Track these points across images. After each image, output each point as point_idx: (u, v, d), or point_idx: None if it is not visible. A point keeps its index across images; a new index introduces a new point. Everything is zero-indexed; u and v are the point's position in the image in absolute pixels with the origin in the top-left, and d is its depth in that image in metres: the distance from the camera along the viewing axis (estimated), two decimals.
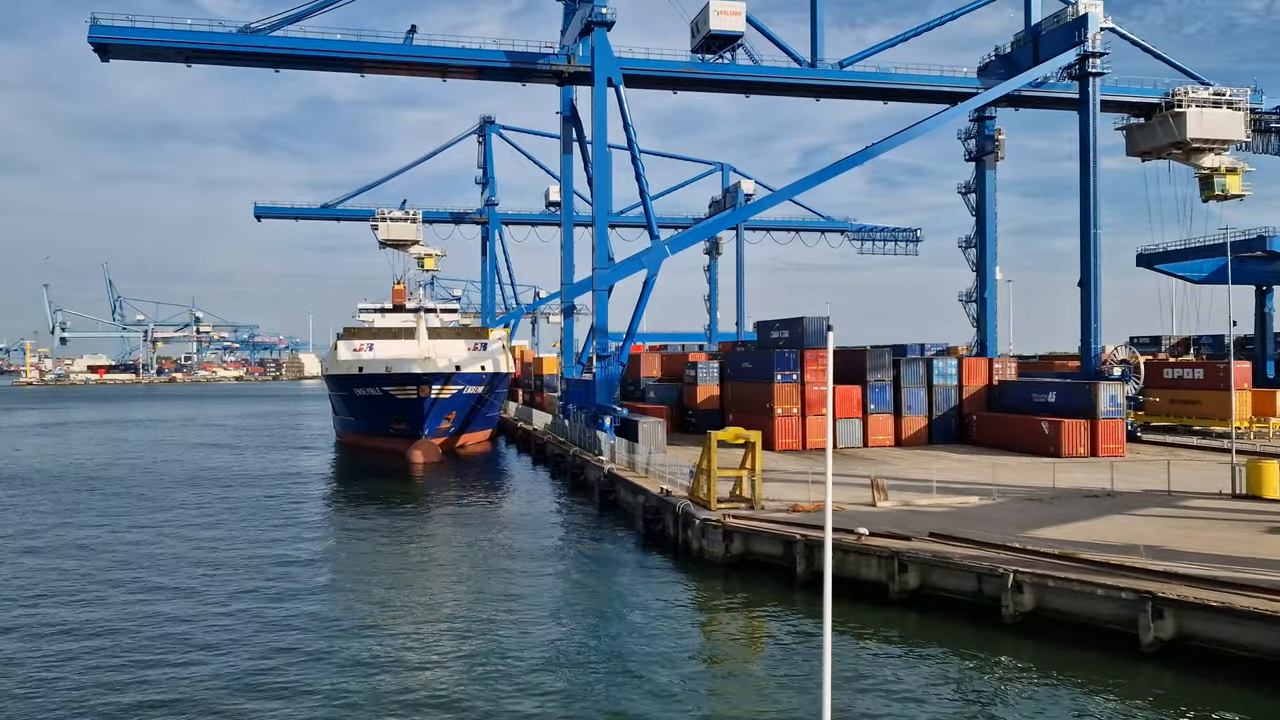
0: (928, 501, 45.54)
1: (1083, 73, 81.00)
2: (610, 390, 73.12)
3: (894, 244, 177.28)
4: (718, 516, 42.36)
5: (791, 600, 37.37)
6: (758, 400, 74.26)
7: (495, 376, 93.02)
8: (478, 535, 52.40)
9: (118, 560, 46.14)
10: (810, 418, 72.58)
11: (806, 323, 73.55)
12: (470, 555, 47.25)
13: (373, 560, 46.56)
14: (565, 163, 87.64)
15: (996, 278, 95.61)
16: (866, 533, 37.02)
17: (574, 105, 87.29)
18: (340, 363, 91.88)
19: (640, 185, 74.68)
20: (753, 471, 44.74)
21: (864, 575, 36.11)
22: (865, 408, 73.57)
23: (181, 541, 50.63)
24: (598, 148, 73.24)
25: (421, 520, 57.64)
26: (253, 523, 56.34)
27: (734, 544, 41.18)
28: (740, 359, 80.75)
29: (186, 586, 40.76)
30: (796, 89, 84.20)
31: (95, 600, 38.78)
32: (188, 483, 74.41)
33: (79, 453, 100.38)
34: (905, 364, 75.15)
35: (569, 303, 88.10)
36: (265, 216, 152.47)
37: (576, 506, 61.53)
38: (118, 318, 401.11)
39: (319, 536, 53.32)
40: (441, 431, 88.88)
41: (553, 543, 50.43)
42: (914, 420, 74.58)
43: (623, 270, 73.90)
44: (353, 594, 39.63)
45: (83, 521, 56.97)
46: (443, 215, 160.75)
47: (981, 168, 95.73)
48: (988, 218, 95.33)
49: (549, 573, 43.39)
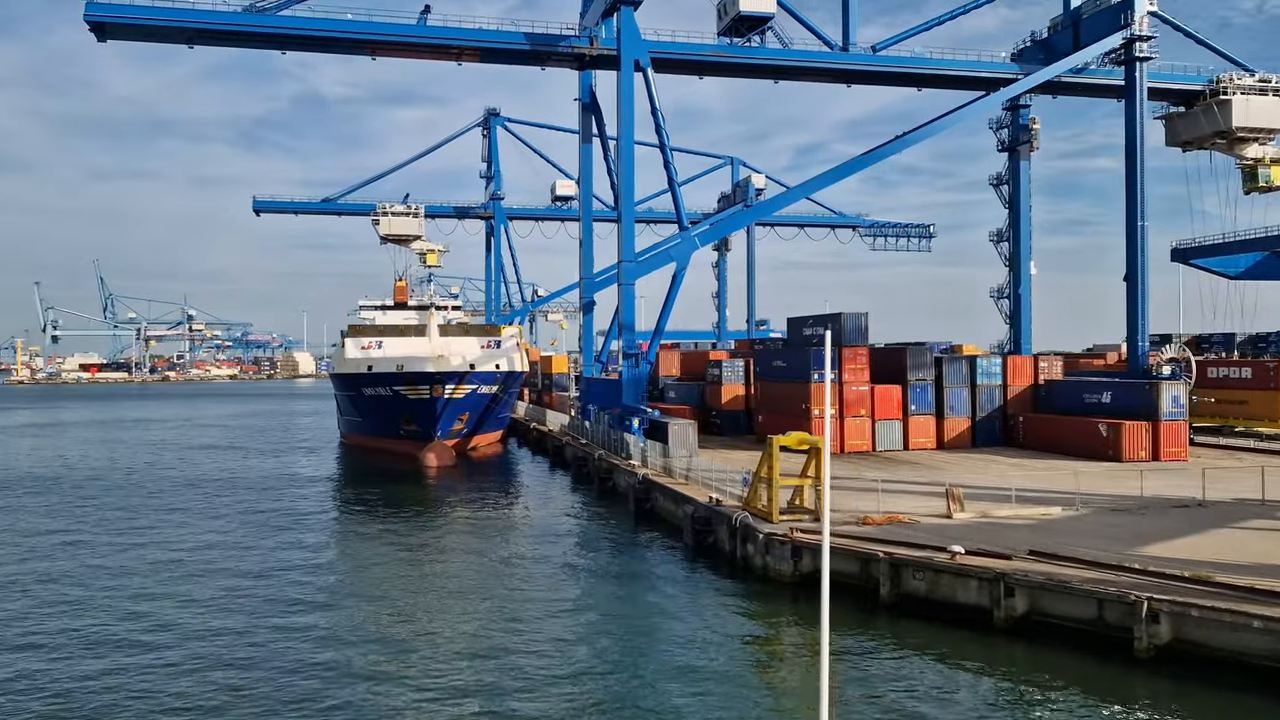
0: (1007, 512, 41.72)
1: (1128, 58, 77.32)
2: (638, 390, 69.19)
3: (906, 240, 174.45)
4: (783, 530, 38.47)
5: (874, 625, 33.47)
6: (792, 401, 70.42)
7: (509, 376, 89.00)
8: (503, 547, 48.41)
9: (116, 571, 42.09)
10: (849, 419, 68.79)
11: (844, 319, 69.69)
12: (497, 570, 43.21)
13: (388, 575, 42.42)
14: (584, 152, 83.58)
15: (1031, 273, 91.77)
16: (962, 551, 33.15)
17: (593, 91, 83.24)
18: (348, 361, 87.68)
19: (669, 174, 70.77)
20: (817, 480, 40.85)
21: (961, 599, 32.26)
22: (906, 409, 69.84)
23: (185, 551, 46.57)
24: (624, 135, 69.21)
25: (439, 530, 53.50)
26: (259, 532, 52.26)
27: (803, 561, 37.29)
28: (771, 357, 76.90)
29: (191, 599, 36.81)
30: (828, 74, 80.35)
31: (94, 614, 34.81)
32: (189, 488, 70.24)
33: (73, 455, 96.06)
34: (948, 363, 71.44)
35: (588, 298, 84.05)
36: (264, 211, 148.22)
37: (608, 515, 57.49)
38: (109, 315, 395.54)
39: (330, 548, 49.31)
40: (454, 433, 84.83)
41: (588, 557, 46.44)
42: (957, 422, 70.85)
43: (650, 264, 70.06)
44: (369, 614, 35.65)
45: (78, 532, 52.81)
46: (446, 210, 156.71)
47: (1016, 158, 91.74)
48: (1022, 210, 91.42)
49: (587, 592, 39.48)
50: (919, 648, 30.78)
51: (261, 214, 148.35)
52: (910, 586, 33.57)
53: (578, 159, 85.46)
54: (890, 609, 33.89)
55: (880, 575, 34.15)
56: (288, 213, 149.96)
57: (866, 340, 70.10)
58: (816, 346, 69.22)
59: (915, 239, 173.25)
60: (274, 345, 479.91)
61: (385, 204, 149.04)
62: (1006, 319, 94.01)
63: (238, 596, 38.40)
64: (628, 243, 69.09)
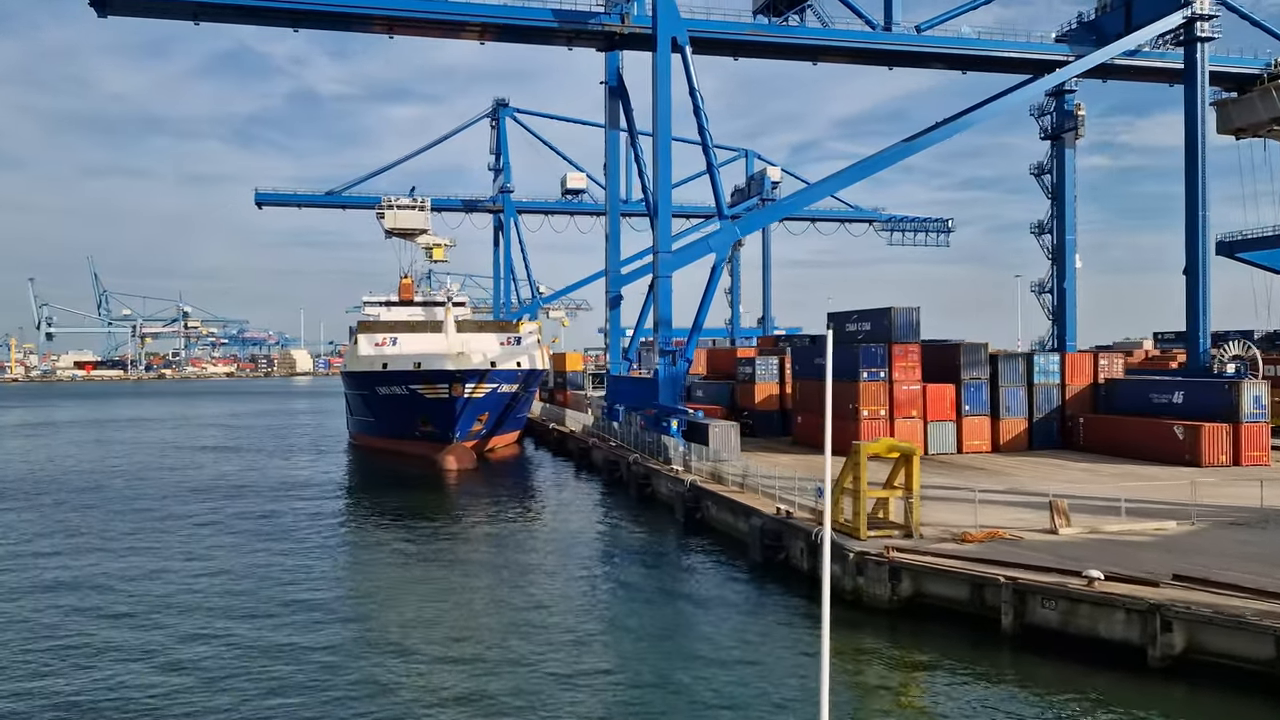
0: (1116, 527, 37.49)
1: (1188, 38, 73.26)
2: (675, 390, 64.87)
3: (924, 235, 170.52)
4: (878, 549, 34.20)
5: (995, 660, 29.20)
6: (837, 401, 66.03)
7: (530, 374, 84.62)
8: (538, 562, 43.99)
9: (116, 585, 37.73)
10: (899, 420, 64.54)
11: (894, 314, 65.31)
12: (534, 589, 38.77)
13: (410, 595, 37.94)
14: (611, 139, 79.14)
15: (1076, 266, 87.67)
16: (1100, 576, 28.88)
17: (620, 74, 78.86)
18: (361, 358, 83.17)
19: (709, 159, 66.41)
20: (909, 492, 36.59)
21: (1104, 633, 27.99)
22: (959, 409, 65.64)
23: (189, 563, 42.18)
24: (660, 119, 64.75)
25: (463, 543, 48.94)
26: (270, 545, 47.81)
27: (902, 584, 33.02)
28: (812, 354, 72.56)
29: (198, 616, 32.46)
30: (869, 55, 75.98)
31: (92, 633, 30.48)
32: (193, 494, 65.76)
33: (67, 459, 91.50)
34: (1003, 361, 67.19)
35: (615, 292, 79.65)
36: (267, 204, 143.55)
37: (651, 525, 53.10)
38: (104, 313, 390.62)
39: (347, 562, 44.96)
40: (473, 434, 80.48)
41: (636, 573, 42.07)
42: (1013, 423, 66.62)
43: (689, 254, 65.74)
44: (395, 644, 31.28)
45: (75, 543, 48.36)
46: (453, 203, 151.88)
47: (1060, 146, 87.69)
48: (1066, 201, 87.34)
49: (640, 616, 35.19)
50: (1056, 690, 26.56)
51: (264, 206, 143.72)
52: (1039, 617, 29.32)
53: (604, 145, 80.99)
54: (1015, 643, 29.60)
55: (1002, 603, 29.87)
56: (291, 205, 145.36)
57: (918, 336, 65.85)
58: (865, 343, 64.88)
59: (933, 234, 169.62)
60: (270, 343, 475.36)
61: (390, 197, 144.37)
62: (1050, 314, 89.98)
63: (250, 618, 34.04)
64: (664, 233, 64.75)
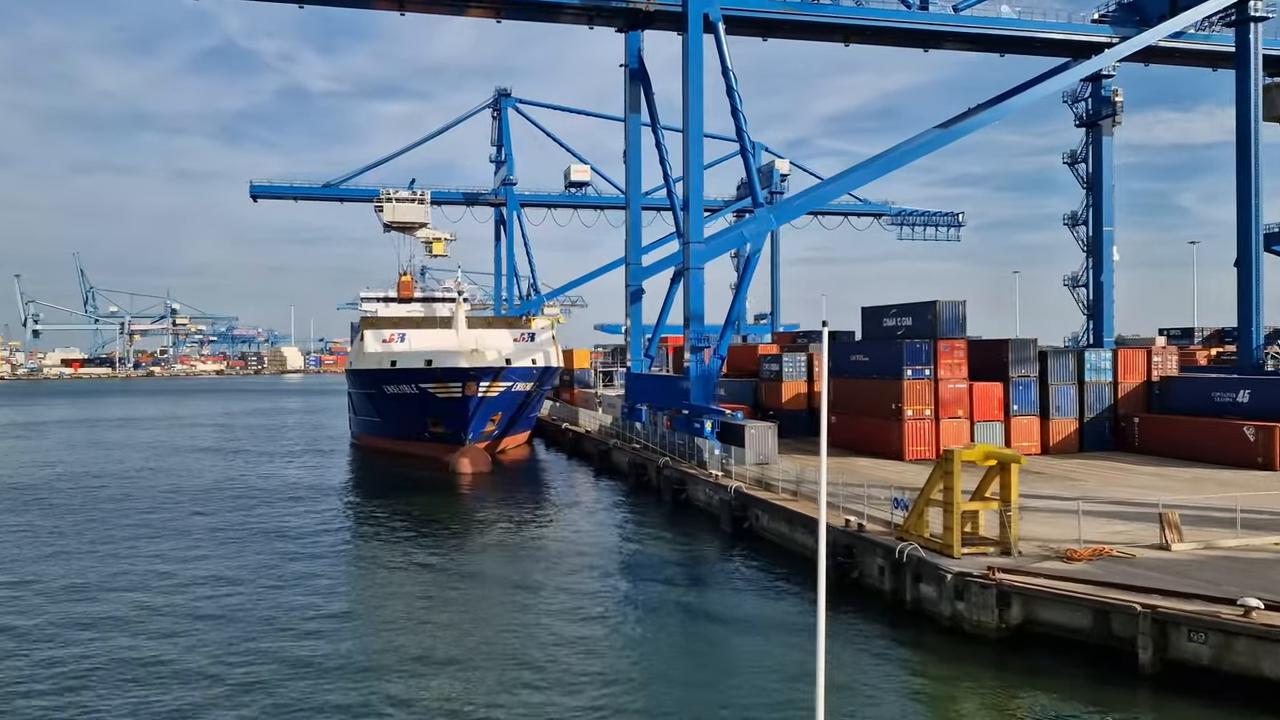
0: (1233, 542, 33.84)
1: (1240, 19, 69.82)
2: (708, 389, 61.02)
3: (934, 229, 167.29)
4: (980, 570, 30.43)
5: (1132, 702, 25.52)
6: (878, 400, 62.39)
7: (545, 372, 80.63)
8: (569, 581, 39.76)
9: (111, 603, 33.71)
10: (944, 420, 60.89)
11: (940, 308, 61.58)
12: (569, 611, 34.78)
13: (433, 622, 34.02)
14: (632, 124, 75.07)
15: (1114, 259, 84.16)
16: (1260, 605, 25.17)
17: (641, 56, 74.86)
18: (368, 355, 78.95)
19: (743, 143, 62.58)
20: (1007, 504, 32.83)
21: (1267, 672, 24.28)
22: (1008, 409, 62.04)
23: (192, 581, 38.16)
24: (692, 101, 60.74)
25: (485, 555, 44.87)
26: (276, 560, 43.77)
27: (1011, 610, 29.26)
28: (848, 351, 68.79)
29: (199, 643, 28.51)
30: (905, 35, 72.15)
31: (85, 658, 26.50)
32: (190, 501, 61.58)
33: (58, 462, 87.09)
34: (1053, 357, 63.60)
35: (636, 285, 75.66)
36: (262, 196, 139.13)
37: (690, 536, 49.14)
38: (90, 309, 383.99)
39: (358, 579, 40.93)
40: (485, 435, 76.49)
41: (683, 592, 37.97)
42: (1063, 423, 63.06)
43: (721, 245, 62.07)
44: (410, 673, 27.41)
45: (64, 559, 44.22)
46: (454, 196, 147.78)
47: (1097, 133, 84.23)
48: (1104, 190, 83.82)
49: (699, 644, 31.49)
50: None
51: (259, 199, 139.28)
52: (1186, 652, 25.59)
53: (624, 129, 76.86)
54: (1154, 680, 25.89)
55: (1139, 634, 26.12)
56: (287, 198, 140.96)
57: (964, 332, 62.19)
58: (909, 340, 61.12)
59: (944, 228, 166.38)
60: (259, 340, 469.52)
61: (390, 189, 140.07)
62: (1085, 309, 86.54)
63: (254, 654, 30.06)
64: (695, 222, 60.80)
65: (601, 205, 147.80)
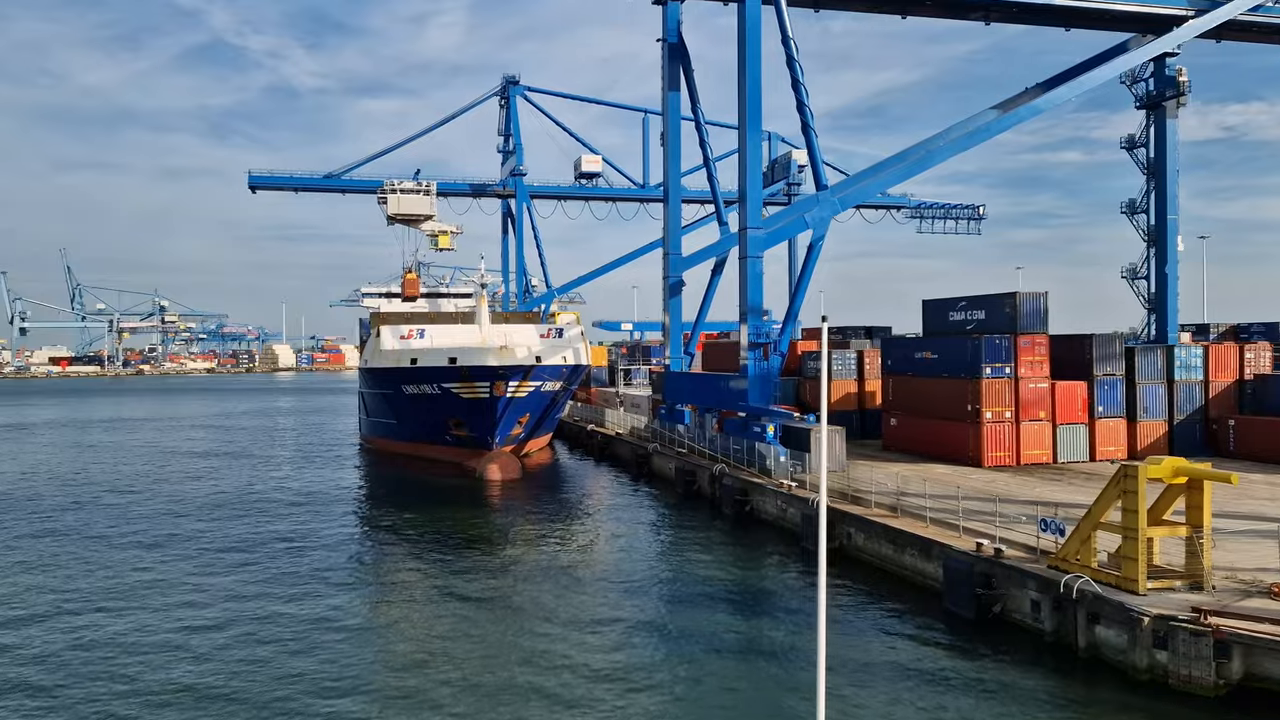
0: None
1: None
2: (768, 388, 55.56)
3: (953, 222, 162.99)
4: (1184, 612, 25.10)
5: None
6: (951, 401, 57.10)
7: (574, 370, 75.07)
8: (638, 615, 34.16)
9: (106, 628, 28.19)
10: (1025, 423, 55.64)
11: (1019, 299, 56.28)
12: (637, 656, 29.47)
13: (481, 679, 28.61)
14: (671, 101, 69.37)
15: (1179, 249, 78.92)
16: None
17: (680, 29, 69.36)
18: (385, 353, 73.20)
19: (804, 119, 56.95)
20: (1198, 529, 27.53)
21: None
22: (1092, 410, 56.86)
23: (197, 607, 32.61)
24: (750, 75, 54.95)
25: (525, 582, 38.94)
26: (290, 584, 38.20)
27: (1232, 664, 23.96)
28: (910, 347, 63.50)
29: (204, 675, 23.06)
30: (966, 7, 66.76)
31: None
32: (193, 511, 55.90)
33: (44, 468, 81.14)
34: (1140, 353, 58.43)
35: (676, 277, 70.14)
36: (260, 187, 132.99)
37: (764, 558, 43.78)
38: (77, 306, 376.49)
39: (383, 613, 35.29)
40: (512, 439, 70.94)
41: (781, 631, 32.23)
42: (1151, 426, 57.88)
43: (782, 231, 56.70)
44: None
45: (56, 582, 38.53)
46: (460, 187, 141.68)
47: (1161, 115, 78.79)
48: (1169, 176, 78.37)
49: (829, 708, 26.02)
50: None
51: (258, 190, 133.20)
52: None
53: (662, 109, 71.17)
54: None
55: None
56: (286, 189, 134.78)
57: (1046, 326, 56.94)
58: (988, 335, 55.79)
59: (964, 220, 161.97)
60: (250, 338, 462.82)
61: (394, 181, 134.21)
62: (1146, 303, 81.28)
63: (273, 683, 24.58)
64: (753, 207, 55.25)
65: (615, 197, 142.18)
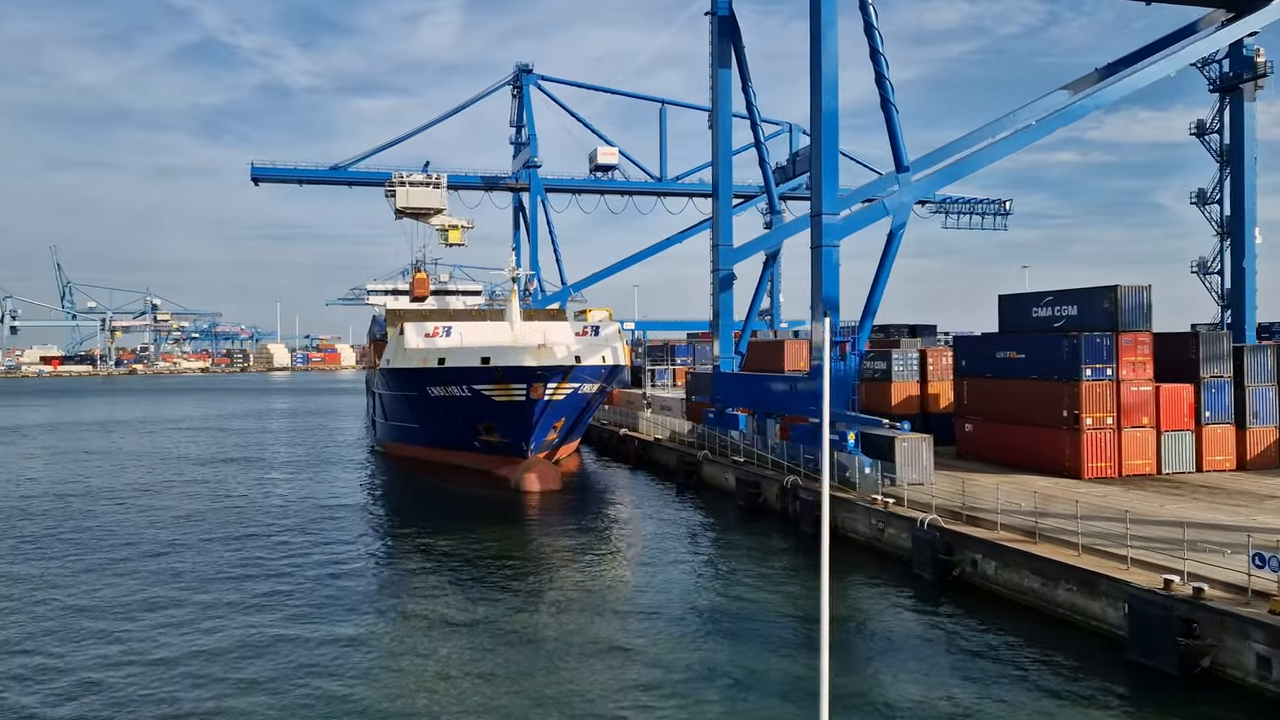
0: None
1: None
2: (845, 391, 50.22)
3: (980, 217, 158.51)
4: None
5: None
6: (1043, 405, 51.79)
7: (613, 371, 69.51)
8: (715, 659, 28.71)
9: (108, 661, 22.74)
10: (1126, 430, 50.41)
11: (1120, 294, 50.97)
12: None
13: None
14: (722, 78, 63.92)
15: (1256, 241, 73.88)
16: None
17: (731, 2, 64.01)
18: (409, 352, 67.52)
19: (883, 92, 51.57)
20: None
21: None
22: (1199, 416, 51.64)
23: (202, 634, 27.12)
24: (826, 44, 49.48)
25: (582, 616, 33.42)
26: (307, 618, 32.69)
27: None
28: (987, 345, 58.18)
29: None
30: None
31: None
32: (194, 526, 50.28)
33: (39, 474, 75.34)
34: (1250, 353, 53.24)
35: (726, 270, 64.70)
36: (263, 179, 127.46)
37: (866, 588, 38.31)
38: (68, 304, 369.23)
39: (412, 651, 29.82)
40: (547, 445, 65.45)
41: (916, 687, 27.22)
42: (1262, 433, 52.72)
43: (859, 219, 51.16)
44: None
45: (49, 612, 32.96)
46: (471, 180, 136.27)
47: (1238, 99, 73.80)
48: (1245, 163, 73.32)
49: None
50: None
51: (260, 183, 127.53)
52: None
53: (711, 88, 65.68)
54: None
55: None
56: (290, 181, 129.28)
57: (1149, 324, 51.71)
58: (1088, 333, 50.48)
59: (990, 215, 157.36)
60: (243, 337, 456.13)
61: (402, 173, 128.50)
62: (1220, 299, 76.29)
63: None
64: (829, 191, 49.74)
65: (633, 190, 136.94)
